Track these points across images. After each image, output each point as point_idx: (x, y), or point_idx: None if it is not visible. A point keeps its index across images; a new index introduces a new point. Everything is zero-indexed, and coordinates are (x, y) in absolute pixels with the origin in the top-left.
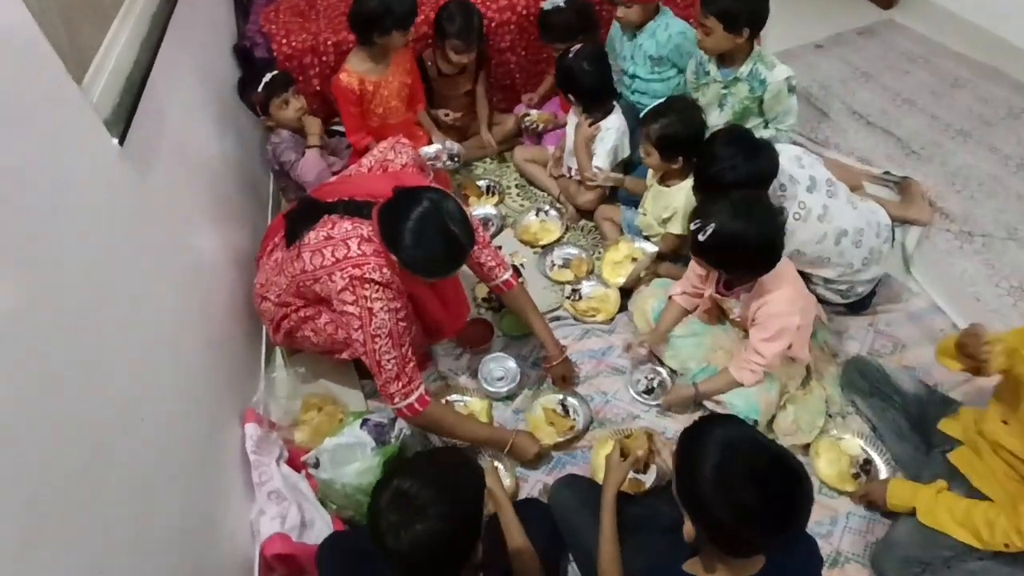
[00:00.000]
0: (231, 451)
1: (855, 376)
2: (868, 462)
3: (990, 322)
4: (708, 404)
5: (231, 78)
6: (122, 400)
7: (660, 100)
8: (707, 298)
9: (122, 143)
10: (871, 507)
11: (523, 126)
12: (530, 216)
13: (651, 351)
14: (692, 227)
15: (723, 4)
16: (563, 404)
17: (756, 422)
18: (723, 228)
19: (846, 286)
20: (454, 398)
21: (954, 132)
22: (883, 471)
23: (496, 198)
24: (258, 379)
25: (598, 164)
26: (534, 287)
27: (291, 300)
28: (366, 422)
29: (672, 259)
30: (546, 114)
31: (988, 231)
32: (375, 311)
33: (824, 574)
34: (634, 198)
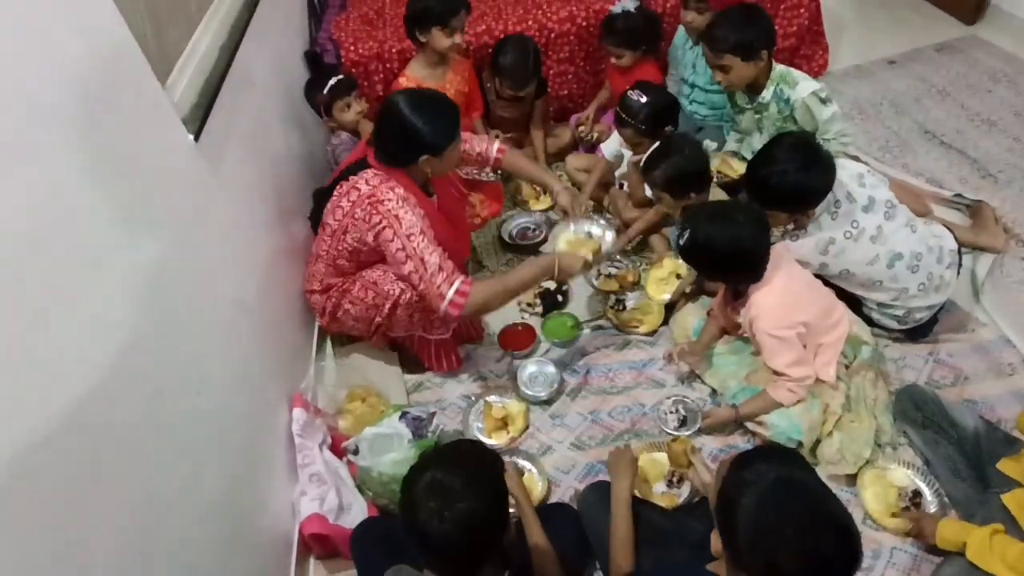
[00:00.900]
0: (278, 432)
1: (908, 406)
2: (917, 494)
3: None
4: (749, 424)
5: (300, 81)
6: (183, 370)
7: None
8: (717, 306)
9: (197, 139)
10: (919, 539)
11: (578, 137)
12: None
13: (691, 369)
14: (677, 231)
15: (734, 38)
16: (588, 233)
17: (800, 444)
18: (697, 233)
19: (902, 311)
20: (493, 399)
21: None
22: (933, 504)
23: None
24: (308, 366)
25: (650, 192)
26: (580, 295)
27: (332, 281)
28: (405, 415)
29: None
30: (602, 125)
31: None
32: (401, 216)
33: None
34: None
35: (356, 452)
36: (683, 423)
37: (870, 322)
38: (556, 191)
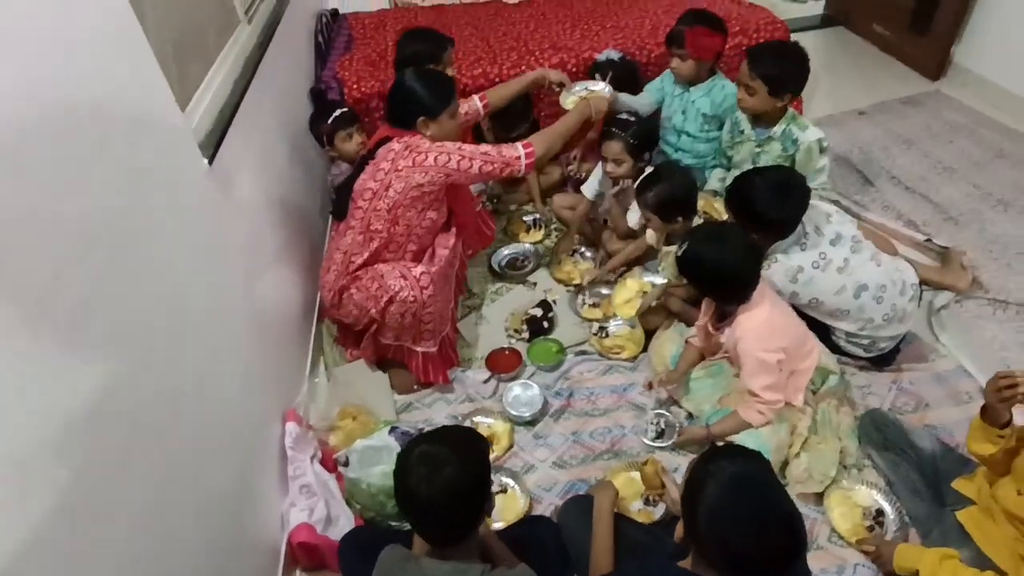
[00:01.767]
0: (272, 443)
1: (871, 429)
2: (881, 512)
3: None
4: (720, 443)
5: (304, 115)
6: (190, 378)
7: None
8: (702, 327)
9: (211, 163)
10: (878, 564)
11: (567, 175)
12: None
13: (670, 394)
14: (677, 244)
15: (772, 70)
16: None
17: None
18: (692, 247)
19: (868, 340)
20: (479, 419)
21: (995, 201)
22: (895, 523)
23: (542, 232)
24: (302, 384)
25: (631, 223)
26: (565, 323)
27: (354, 260)
28: (394, 429)
29: (691, 303)
30: (589, 164)
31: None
32: (444, 146)
33: None
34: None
35: (346, 463)
36: (661, 435)
37: (838, 350)
38: (542, 73)
